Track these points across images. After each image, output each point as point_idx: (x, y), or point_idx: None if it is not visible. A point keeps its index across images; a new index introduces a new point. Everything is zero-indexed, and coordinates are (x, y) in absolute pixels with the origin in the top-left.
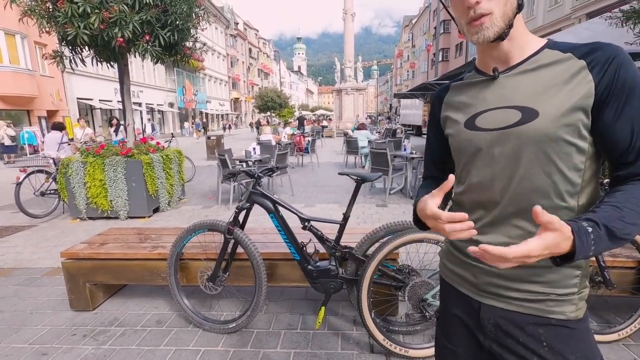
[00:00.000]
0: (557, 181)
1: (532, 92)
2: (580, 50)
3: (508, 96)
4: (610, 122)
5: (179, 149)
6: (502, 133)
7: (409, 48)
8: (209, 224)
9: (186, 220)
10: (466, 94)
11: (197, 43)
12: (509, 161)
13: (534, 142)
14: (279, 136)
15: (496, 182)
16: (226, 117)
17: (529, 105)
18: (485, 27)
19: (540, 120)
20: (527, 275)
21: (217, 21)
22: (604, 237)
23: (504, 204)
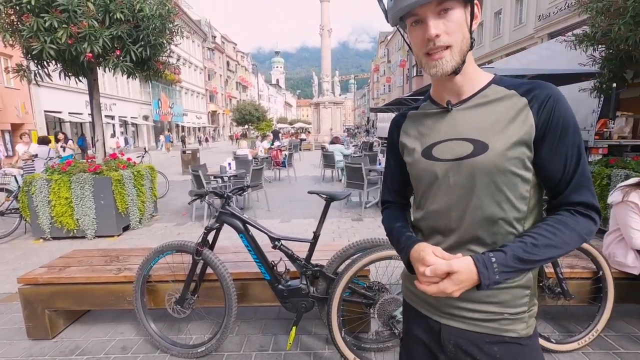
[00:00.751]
0: (506, 209)
1: (482, 126)
2: (522, 89)
3: (460, 129)
4: (547, 156)
5: (151, 165)
6: (456, 163)
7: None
8: (177, 245)
9: (158, 238)
10: (422, 124)
11: (171, 58)
12: (463, 190)
13: (485, 173)
14: (255, 150)
15: (452, 210)
16: (203, 130)
17: (480, 139)
18: (444, 62)
19: (490, 153)
20: (483, 297)
21: (194, 34)
22: (512, 262)
23: (460, 231)
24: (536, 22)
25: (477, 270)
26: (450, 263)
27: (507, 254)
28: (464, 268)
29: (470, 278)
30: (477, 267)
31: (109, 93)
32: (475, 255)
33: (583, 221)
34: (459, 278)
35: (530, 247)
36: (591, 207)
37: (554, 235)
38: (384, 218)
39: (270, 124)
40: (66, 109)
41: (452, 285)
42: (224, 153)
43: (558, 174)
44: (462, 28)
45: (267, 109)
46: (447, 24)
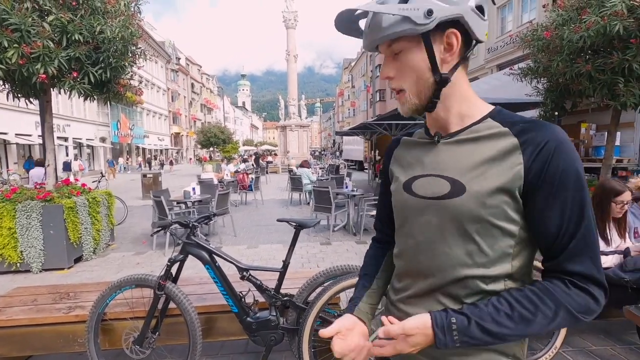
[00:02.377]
0: (480, 263)
1: (464, 165)
2: (517, 127)
3: (442, 165)
4: (539, 213)
5: (109, 191)
6: (430, 203)
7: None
8: (136, 279)
9: (114, 269)
10: (410, 153)
11: (133, 80)
12: (434, 233)
13: (459, 219)
14: (221, 174)
15: (421, 253)
16: (165, 152)
17: (459, 179)
18: (402, 103)
19: (465, 197)
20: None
21: (157, 56)
22: (476, 332)
23: (429, 277)
24: (486, 54)
25: (433, 333)
26: (404, 325)
27: (470, 320)
28: (419, 331)
29: (425, 341)
30: (434, 330)
31: (62, 114)
32: (435, 314)
33: (577, 295)
34: (414, 340)
35: (503, 317)
36: (591, 280)
37: (534, 307)
38: (366, 253)
39: (236, 146)
40: (12, 129)
41: (408, 346)
42: (188, 176)
43: (551, 235)
44: (417, 70)
45: (233, 131)
46: (399, 66)
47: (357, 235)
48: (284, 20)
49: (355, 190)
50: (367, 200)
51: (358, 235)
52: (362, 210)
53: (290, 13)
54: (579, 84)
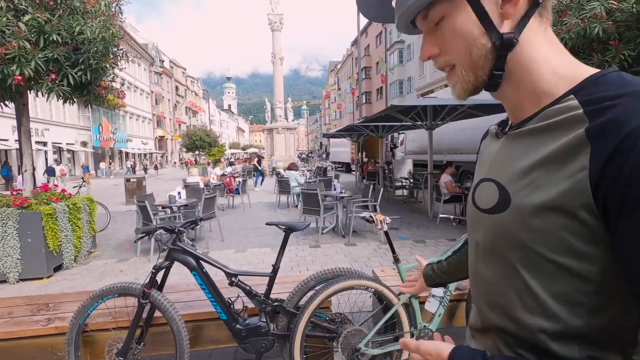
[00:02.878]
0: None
1: (516, 167)
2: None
3: (498, 166)
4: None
5: (90, 196)
6: (480, 217)
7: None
8: (119, 288)
9: (96, 277)
10: (488, 147)
11: (115, 82)
12: (480, 257)
13: (499, 243)
14: (207, 177)
15: (473, 277)
16: (150, 156)
17: (507, 186)
18: (453, 83)
19: (509, 213)
20: None
21: (140, 58)
22: None
23: (482, 308)
24: None
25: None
26: (419, 345)
27: None
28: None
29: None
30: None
31: (41, 118)
32: (458, 348)
33: None
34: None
35: None
36: None
37: None
38: None
39: (222, 149)
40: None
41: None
42: (173, 181)
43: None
44: (466, 35)
45: (218, 134)
46: (443, 37)
47: (346, 237)
48: (269, 23)
49: (343, 192)
50: (355, 202)
51: (347, 237)
52: (351, 212)
53: (276, 15)
54: None
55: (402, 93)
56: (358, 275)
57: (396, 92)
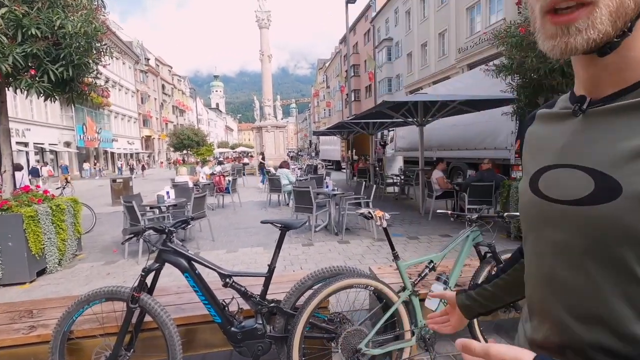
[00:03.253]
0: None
1: (620, 150)
2: None
3: (582, 149)
4: None
5: (75, 197)
6: (562, 209)
7: (324, 88)
8: (107, 292)
9: (82, 281)
10: (547, 130)
11: (99, 79)
12: (565, 260)
13: (608, 239)
14: (196, 177)
15: (547, 285)
16: (136, 156)
17: (609, 173)
18: (572, 30)
19: (621, 203)
20: None
21: (125, 56)
22: None
23: (558, 323)
24: (457, 54)
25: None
26: (489, 349)
27: None
28: None
29: None
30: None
31: (22, 117)
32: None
33: None
34: None
35: None
36: None
37: None
38: None
39: (210, 148)
40: None
41: None
42: (161, 181)
43: None
44: None
45: (207, 133)
46: None
47: (339, 235)
48: (257, 20)
49: (336, 189)
50: (348, 199)
51: (340, 234)
52: (344, 209)
53: (264, 13)
54: (552, 79)
55: (390, 90)
56: (357, 274)
57: (385, 90)
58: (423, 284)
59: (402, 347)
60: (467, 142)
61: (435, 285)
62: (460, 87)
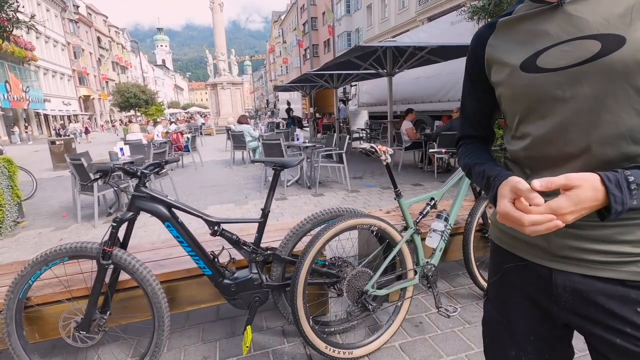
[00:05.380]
0: None
1: (612, 15)
2: None
3: (580, 24)
4: None
5: (8, 157)
6: (575, 71)
7: (280, 44)
8: (69, 249)
9: (30, 249)
10: (520, 30)
11: (22, 14)
12: (587, 103)
13: (622, 76)
14: (150, 135)
15: (570, 131)
16: (75, 118)
17: (611, 32)
18: None
19: (628, 47)
20: (613, 234)
21: (48, 1)
22: None
23: (582, 157)
24: (417, 6)
25: (606, 190)
26: (568, 175)
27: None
28: (586, 183)
29: (593, 198)
30: (606, 185)
31: None
32: (603, 173)
33: None
34: (579, 196)
35: None
36: None
37: None
38: (460, 154)
39: (160, 108)
40: None
41: (569, 203)
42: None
43: None
44: None
45: (155, 92)
46: None
47: (312, 188)
48: None
49: (306, 141)
50: (320, 152)
51: (313, 188)
52: (317, 162)
53: None
54: None
55: (350, 45)
56: (359, 214)
57: (344, 45)
58: (423, 223)
59: (405, 285)
60: (431, 95)
61: (436, 223)
62: (425, 37)
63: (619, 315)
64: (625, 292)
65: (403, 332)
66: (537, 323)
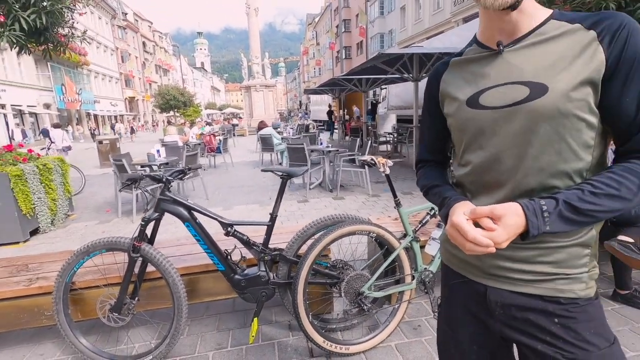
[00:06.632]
0: (568, 159)
1: (540, 66)
2: (588, 21)
3: (514, 71)
4: (617, 95)
5: (61, 156)
6: (508, 111)
7: (314, 46)
8: (106, 242)
9: (77, 240)
10: (467, 70)
11: (76, 30)
12: (516, 140)
13: (545, 119)
14: (186, 137)
15: (502, 162)
16: (121, 118)
17: (538, 80)
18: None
19: (550, 96)
20: (534, 256)
21: (100, 10)
22: (565, 212)
23: (511, 184)
24: (452, 7)
25: (525, 217)
26: (493, 207)
27: (558, 201)
28: (510, 212)
29: (518, 224)
30: (526, 213)
31: None
32: (522, 202)
33: None
34: (508, 223)
35: (589, 195)
36: None
37: (618, 183)
38: (419, 177)
39: (198, 109)
40: None
41: (504, 232)
42: (148, 143)
43: (629, 116)
44: None
45: (193, 94)
46: None
47: (333, 191)
48: None
49: (329, 146)
50: (342, 156)
51: (335, 191)
52: (338, 166)
53: None
54: None
55: (383, 47)
56: (359, 221)
57: (377, 47)
58: (423, 231)
59: (402, 289)
60: None
61: (436, 232)
62: (457, 42)
63: (540, 325)
64: (545, 306)
65: (401, 333)
66: (479, 334)
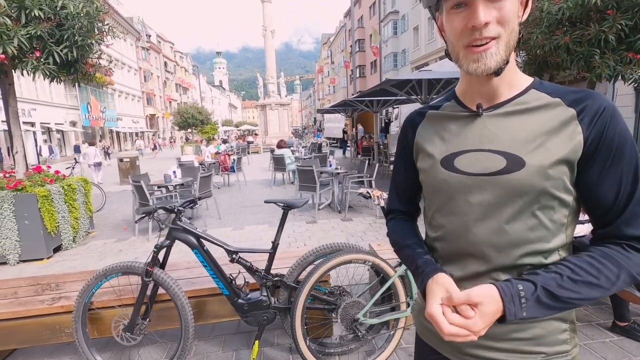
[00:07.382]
0: (541, 237)
1: (519, 138)
2: (569, 97)
3: (492, 139)
4: (596, 179)
5: (84, 177)
6: (484, 179)
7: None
8: (122, 267)
9: (96, 257)
10: (444, 127)
11: (102, 59)
12: (489, 211)
13: (519, 193)
14: (201, 156)
15: (473, 233)
16: (142, 135)
17: (515, 153)
18: (489, 55)
19: (526, 171)
20: (509, 332)
21: (126, 33)
22: (543, 298)
23: (481, 257)
24: None
25: (503, 303)
26: (469, 293)
27: (537, 287)
28: (488, 299)
29: (496, 311)
30: (503, 299)
31: (27, 97)
32: (499, 284)
33: (637, 258)
34: (486, 311)
35: (567, 282)
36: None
37: (597, 271)
38: (390, 230)
39: (215, 127)
40: None
41: (482, 321)
42: (166, 160)
43: (608, 201)
44: (514, 19)
45: (210, 112)
46: (500, 12)
47: (342, 212)
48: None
49: (339, 168)
50: (351, 178)
51: (343, 212)
52: (347, 188)
53: None
54: (557, 56)
55: (396, 66)
56: (356, 250)
57: (390, 66)
58: None
59: (398, 317)
60: None
61: None
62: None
63: None
64: None
65: (397, 359)
66: None
